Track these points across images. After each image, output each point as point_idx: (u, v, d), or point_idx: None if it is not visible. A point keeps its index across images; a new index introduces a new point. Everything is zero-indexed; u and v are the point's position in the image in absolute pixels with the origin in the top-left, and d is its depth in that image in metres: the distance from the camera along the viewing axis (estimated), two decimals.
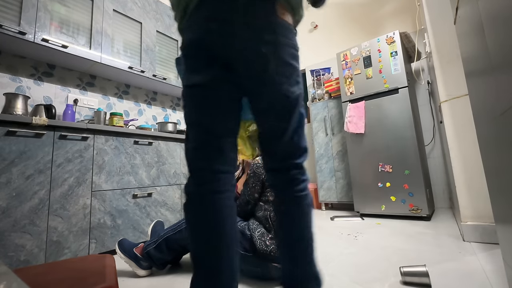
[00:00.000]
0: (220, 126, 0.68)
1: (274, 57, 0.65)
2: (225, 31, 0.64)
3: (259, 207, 1.18)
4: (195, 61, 0.68)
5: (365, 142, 2.35)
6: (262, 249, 1.06)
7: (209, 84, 0.67)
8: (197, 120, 0.69)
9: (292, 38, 0.70)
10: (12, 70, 1.68)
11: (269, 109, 0.70)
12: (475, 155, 1.49)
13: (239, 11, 0.64)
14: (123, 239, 1.31)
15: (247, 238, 1.10)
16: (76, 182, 1.43)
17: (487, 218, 1.43)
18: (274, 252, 1.05)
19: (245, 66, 0.66)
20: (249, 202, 1.20)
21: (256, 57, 0.65)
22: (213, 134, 0.68)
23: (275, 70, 0.66)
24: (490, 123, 0.83)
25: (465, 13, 1.00)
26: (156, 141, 1.87)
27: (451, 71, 1.61)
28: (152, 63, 2.18)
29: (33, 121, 1.28)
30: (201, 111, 0.68)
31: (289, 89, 0.68)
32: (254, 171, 1.20)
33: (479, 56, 0.87)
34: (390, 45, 2.30)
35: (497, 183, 0.88)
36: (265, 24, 0.65)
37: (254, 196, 1.19)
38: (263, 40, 0.64)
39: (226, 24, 0.64)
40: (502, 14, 0.59)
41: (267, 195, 1.17)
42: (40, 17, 1.57)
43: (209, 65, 0.66)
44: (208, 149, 0.68)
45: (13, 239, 1.19)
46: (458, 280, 1.01)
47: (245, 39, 0.64)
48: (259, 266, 1.08)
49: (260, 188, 1.19)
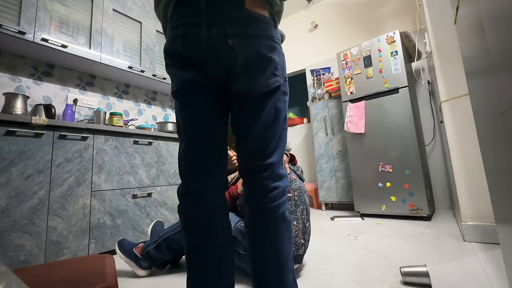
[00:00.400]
0: (204, 127, 0.68)
1: (243, 50, 0.63)
2: (192, 33, 0.64)
3: None
4: (174, 68, 0.69)
5: (365, 142, 2.35)
6: None
7: (187, 87, 0.67)
8: (182, 124, 0.69)
9: (267, 29, 0.67)
10: (12, 70, 1.68)
11: (240, 102, 0.68)
12: (476, 155, 1.48)
13: (201, 12, 0.64)
14: (123, 239, 1.31)
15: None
16: (76, 182, 1.43)
17: (487, 218, 1.42)
18: None
19: (215, 63, 0.66)
20: None
21: (224, 52, 0.64)
22: (197, 136, 0.68)
23: (246, 62, 0.64)
24: (491, 122, 0.83)
25: (466, 13, 1.00)
26: (156, 141, 1.87)
27: (452, 71, 1.61)
28: (152, 62, 2.17)
29: (32, 121, 1.28)
30: (184, 114, 0.69)
31: (263, 81, 0.65)
32: None
33: (479, 56, 0.87)
34: (390, 44, 2.30)
35: (497, 183, 0.87)
36: (231, 18, 0.63)
37: None
38: (228, 33, 0.63)
39: (193, 26, 0.64)
40: (503, 13, 0.59)
41: None
42: (40, 17, 1.57)
43: (185, 69, 0.67)
44: (194, 151, 0.68)
45: (12, 239, 1.18)
46: (458, 280, 1.01)
47: (210, 36, 0.63)
48: None
49: None
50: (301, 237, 1.12)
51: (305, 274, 1.15)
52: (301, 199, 1.19)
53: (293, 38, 3.78)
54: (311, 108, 3.02)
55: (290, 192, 1.16)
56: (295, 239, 1.09)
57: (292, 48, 3.77)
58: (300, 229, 1.12)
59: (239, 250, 1.09)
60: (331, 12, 3.45)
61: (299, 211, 1.15)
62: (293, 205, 1.14)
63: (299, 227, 1.12)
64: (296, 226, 1.11)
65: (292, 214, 1.12)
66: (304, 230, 1.14)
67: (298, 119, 3.63)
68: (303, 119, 3.62)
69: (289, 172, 1.21)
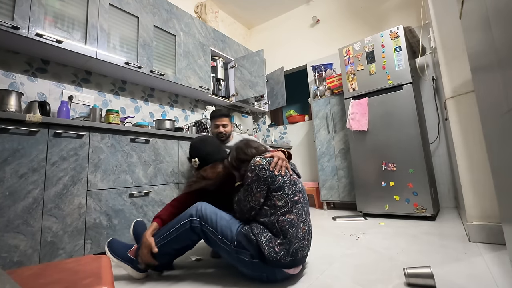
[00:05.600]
0: None
1: None
2: None
3: (263, 212, 1.09)
4: None
5: (368, 139, 2.31)
6: (271, 256, 1.00)
7: None
8: None
9: None
10: (5, 66, 1.64)
11: None
12: (481, 153, 1.46)
13: None
14: (112, 240, 1.26)
15: (253, 244, 1.03)
16: (71, 181, 1.40)
17: (493, 218, 1.41)
18: (284, 259, 1.00)
19: None
20: (253, 208, 1.09)
21: None
22: None
23: None
24: (497, 120, 0.82)
25: (471, 7, 0.99)
26: (153, 138, 1.83)
27: (457, 67, 1.60)
28: (149, 58, 2.14)
29: (26, 118, 1.25)
30: None
31: None
32: (257, 173, 1.08)
33: (485, 52, 0.86)
34: (394, 40, 2.26)
35: (504, 182, 0.86)
36: None
37: (260, 202, 1.09)
38: None
39: None
40: (510, 8, 0.57)
41: (273, 199, 1.07)
42: (34, 12, 1.54)
43: None
44: None
45: (6, 240, 1.16)
46: (463, 282, 0.99)
47: None
48: (264, 271, 1.04)
49: (266, 192, 1.09)
50: (307, 238, 1.09)
51: (306, 275, 1.14)
52: (305, 199, 1.15)
53: (294, 33, 3.73)
54: (313, 105, 2.99)
55: (297, 195, 1.11)
56: (302, 242, 1.05)
57: (293, 43, 3.72)
58: (306, 231, 1.09)
59: (245, 258, 1.04)
60: (333, 7, 3.40)
61: (305, 213, 1.12)
62: (301, 207, 1.10)
63: (305, 228, 1.09)
64: (302, 228, 1.07)
65: (300, 217, 1.08)
66: (309, 231, 1.12)
67: (299, 117, 3.59)
68: (304, 116, 3.59)
69: (291, 173, 1.16)
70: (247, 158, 1.19)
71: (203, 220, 1.11)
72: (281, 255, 1.00)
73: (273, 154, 1.18)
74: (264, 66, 3.08)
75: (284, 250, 1.01)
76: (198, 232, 1.12)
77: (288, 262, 1.01)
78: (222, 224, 1.09)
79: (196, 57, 2.59)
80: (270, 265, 1.01)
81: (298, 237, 1.04)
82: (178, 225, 1.14)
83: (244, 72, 3.03)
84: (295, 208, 1.08)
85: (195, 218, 1.12)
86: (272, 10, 3.80)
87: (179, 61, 2.40)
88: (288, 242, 1.02)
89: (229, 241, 1.06)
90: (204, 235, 1.11)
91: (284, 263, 1.00)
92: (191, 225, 1.12)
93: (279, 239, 1.03)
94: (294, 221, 1.05)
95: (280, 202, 1.06)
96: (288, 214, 1.06)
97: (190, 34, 2.57)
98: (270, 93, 3.39)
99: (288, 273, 1.05)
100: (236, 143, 1.32)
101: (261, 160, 1.12)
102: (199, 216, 1.12)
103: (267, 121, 3.97)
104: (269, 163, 1.11)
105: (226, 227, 1.09)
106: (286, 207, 1.06)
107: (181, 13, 2.52)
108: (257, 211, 1.10)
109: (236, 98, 3.02)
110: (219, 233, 1.08)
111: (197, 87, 2.54)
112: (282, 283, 1.06)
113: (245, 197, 1.11)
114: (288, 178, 1.12)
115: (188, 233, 1.13)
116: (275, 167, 1.11)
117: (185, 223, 1.13)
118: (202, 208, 1.14)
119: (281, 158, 1.15)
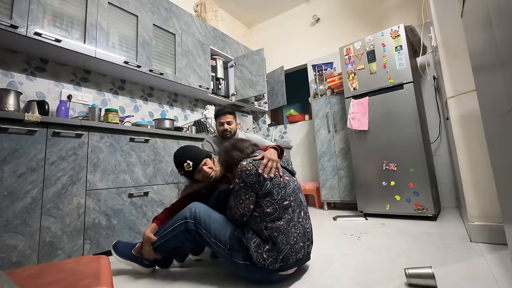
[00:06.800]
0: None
1: None
2: None
3: (253, 218, 1.06)
4: None
5: (369, 139, 2.30)
6: (259, 262, 0.99)
7: None
8: None
9: None
10: (4, 65, 1.64)
11: None
12: (483, 152, 1.45)
13: None
14: (117, 242, 1.28)
15: (244, 247, 1.02)
16: (70, 181, 1.39)
17: (495, 218, 1.40)
18: (272, 266, 0.99)
19: None
20: (244, 214, 1.06)
21: None
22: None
23: None
24: (498, 119, 0.81)
25: (473, 6, 0.99)
26: (152, 138, 1.83)
27: (458, 66, 1.59)
28: (148, 57, 2.13)
29: (25, 118, 1.25)
30: None
31: None
32: (244, 180, 1.04)
33: (487, 51, 0.85)
34: (394, 39, 2.24)
35: (505, 182, 0.86)
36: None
37: (250, 208, 1.05)
38: None
39: None
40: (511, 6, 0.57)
41: (262, 206, 1.04)
42: (33, 10, 1.53)
43: None
44: None
45: (4, 240, 1.16)
46: (465, 282, 0.99)
47: None
48: (258, 273, 1.03)
49: (255, 198, 1.05)
50: (300, 241, 1.05)
51: (306, 276, 1.13)
52: (297, 201, 1.10)
53: (294, 32, 3.72)
54: (313, 105, 2.97)
55: (286, 199, 1.07)
56: (294, 246, 1.03)
57: (293, 42, 3.71)
58: (299, 234, 1.06)
59: (238, 261, 1.03)
60: (334, 5, 3.38)
61: (297, 216, 1.07)
62: (291, 212, 1.06)
63: (298, 232, 1.06)
64: (294, 233, 1.04)
65: (291, 222, 1.05)
66: (304, 233, 1.09)
67: (299, 116, 3.58)
68: (304, 115, 3.58)
69: (281, 174, 1.10)
70: (235, 162, 1.15)
71: (198, 223, 1.11)
72: (269, 262, 0.99)
73: (263, 155, 1.11)
74: (264, 65, 3.07)
75: (273, 257, 0.99)
76: (194, 233, 1.12)
77: (278, 268, 0.99)
78: (215, 227, 1.09)
79: (195, 56, 2.58)
80: (259, 270, 1.00)
81: (289, 242, 1.01)
82: (174, 226, 1.15)
83: (244, 71, 3.02)
84: (285, 214, 1.04)
85: (189, 220, 1.12)
86: (272, 9, 3.78)
87: (178, 60, 2.39)
88: (277, 249, 0.99)
89: (222, 244, 1.06)
90: (199, 236, 1.12)
91: (272, 270, 0.99)
92: (186, 226, 1.13)
93: (268, 245, 1.01)
94: (284, 228, 1.02)
95: (269, 209, 1.03)
96: (277, 221, 1.02)
97: (189, 33, 2.56)
98: (270, 92, 3.38)
99: (282, 274, 1.04)
100: (224, 144, 1.28)
101: (248, 165, 1.06)
102: (194, 218, 1.12)
103: (267, 121, 3.96)
104: (256, 166, 1.06)
105: (220, 230, 1.08)
106: (275, 214, 1.03)
107: (181, 11, 2.51)
108: (249, 217, 1.08)
109: (236, 97, 3.01)
110: (213, 236, 1.08)
111: (196, 86, 2.53)
112: (281, 283, 1.06)
113: (235, 204, 1.07)
114: (277, 182, 1.06)
115: (184, 234, 1.14)
116: (264, 169, 1.06)
117: (180, 225, 1.14)
118: (196, 210, 1.14)
119: (270, 159, 1.09)
